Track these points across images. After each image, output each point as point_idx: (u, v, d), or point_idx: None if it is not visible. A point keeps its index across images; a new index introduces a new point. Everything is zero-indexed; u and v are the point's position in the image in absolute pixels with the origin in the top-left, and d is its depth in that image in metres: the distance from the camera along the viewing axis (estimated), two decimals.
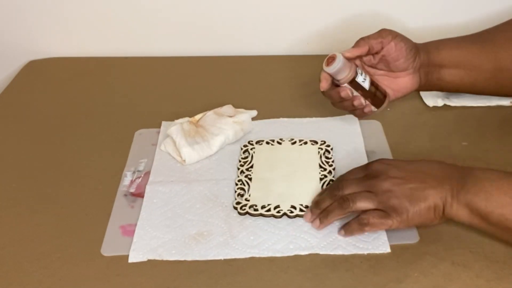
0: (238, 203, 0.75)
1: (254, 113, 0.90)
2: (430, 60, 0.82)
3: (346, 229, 0.69)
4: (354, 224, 0.68)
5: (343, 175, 0.73)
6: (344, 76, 0.78)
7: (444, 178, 0.65)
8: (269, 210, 0.73)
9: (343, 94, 0.79)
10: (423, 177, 0.66)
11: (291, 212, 0.73)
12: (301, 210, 0.73)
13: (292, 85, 1.03)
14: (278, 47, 1.14)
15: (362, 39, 0.81)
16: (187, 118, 0.88)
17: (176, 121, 0.87)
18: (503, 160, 0.81)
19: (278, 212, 0.73)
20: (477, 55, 0.82)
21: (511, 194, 0.62)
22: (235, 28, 1.13)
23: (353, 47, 0.80)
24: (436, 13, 1.10)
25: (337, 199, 0.69)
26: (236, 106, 0.97)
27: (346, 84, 0.79)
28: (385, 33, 0.80)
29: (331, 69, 0.77)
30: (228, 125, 0.86)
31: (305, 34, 1.13)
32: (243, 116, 0.88)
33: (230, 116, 0.88)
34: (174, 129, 0.84)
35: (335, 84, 0.80)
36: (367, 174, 0.70)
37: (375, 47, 0.80)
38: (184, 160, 0.82)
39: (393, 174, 0.67)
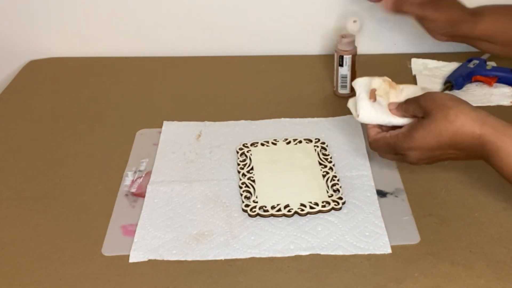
0: (247, 205, 0.75)
1: None
2: (474, 34, 0.84)
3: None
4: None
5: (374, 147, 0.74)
6: None
7: (466, 156, 0.67)
8: (279, 210, 0.73)
9: None
10: (447, 157, 0.69)
11: (302, 210, 0.73)
12: (311, 207, 0.74)
13: (292, 85, 1.03)
14: (279, 47, 1.14)
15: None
16: (384, 78, 0.78)
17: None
18: None
19: (289, 211, 0.73)
20: None
21: None
22: (235, 28, 1.13)
23: None
24: None
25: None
26: (236, 106, 0.97)
27: None
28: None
29: None
30: None
31: (305, 34, 1.13)
32: None
33: None
34: (360, 81, 0.77)
35: None
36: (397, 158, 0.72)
37: None
38: (358, 115, 0.75)
39: (420, 163, 0.70)
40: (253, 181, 0.79)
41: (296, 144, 0.86)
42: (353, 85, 0.77)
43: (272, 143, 0.86)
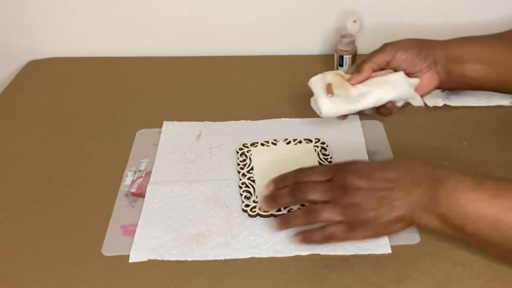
0: (247, 205, 0.74)
1: (414, 80, 0.80)
2: (450, 55, 0.80)
3: (308, 238, 0.66)
4: (318, 235, 0.66)
5: (304, 171, 0.69)
6: None
7: (413, 187, 0.62)
8: (279, 210, 0.73)
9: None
10: (391, 187, 0.63)
11: None
12: None
13: (292, 85, 1.03)
14: (278, 47, 1.14)
15: (364, 62, 0.79)
16: (336, 71, 0.81)
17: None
18: (503, 160, 0.82)
19: (289, 211, 0.73)
20: (504, 51, 0.79)
21: (484, 206, 0.59)
22: (234, 28, 1.13)
23: (358, 72, 0.79)
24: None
25: (301, 203, 0.69)
26: (236, 106, 0.97)
27: None
28: (387, 50, 0.79)
29: None
30: (378, 83, 0.79)
31: (305, 34, 1.13)
32: (396, 75, 0.80)
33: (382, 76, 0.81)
34: (314, 80, 0.79)
35: None
36: (334, 181, 0.66)
37: (380, 65, 0.80)
38: (321, 113, 0.77)
39: (359, 184, 0.64)
40: (253, 181, 0.79)
41: (296, 144, 0.86)
42: (309, 85, 0.79)
43: (272, 143, 0.86)
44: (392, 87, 0.79)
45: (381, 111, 0.82)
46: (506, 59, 0.79)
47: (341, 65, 0.98)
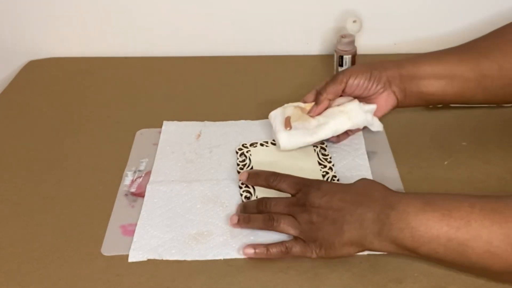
0: None
1: (370, 106, 0.82)
2: (402, 74, 0.81)
3: (264, 250, 0.67)
4: (275, 249, 0.67)
5: (277, 175, 0.72)
6: None
7: (364, 213, 0.63)
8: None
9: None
10: (345, 210, 0.64)
11: None
12: None
13: (292, 85, 1.03)
14: (278, 47, 1.14)
15: (320, 93, 0.82)
16: (296, 103, 0.84)
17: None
18: (503, 160, 0.82)
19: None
20: (457, 64, 0.80)
21: (436, 227, 0.59)
22: (235, 28, 1.13)
23: (316, 103, 0.82)
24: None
25: (263, 212, 0.69)
26: (236, 106, 0.97)
27: None
28: (339, 79, 0.81)
29: None
30: (334, 114, 0.82)
31: (305, 34, 1.13)
32: (351, 104, 0.82)
33: (338, 105, 0.83)
34: (274, 113, 0.83)
35: None
36: (297, 197, 0.68)
37: (335, 95, 0.82)
38: (279, 146, 0.80)
39: (318, 203, 0.65)
40: None
41: None
42: (269, 118, 0.83)
43: (272, 143, 0.86)
44: (348, 117, 0.81)
45: (339, 138, 0.85)
46: (459, 72, 0.80)
47: (341, 65, 0.98)
